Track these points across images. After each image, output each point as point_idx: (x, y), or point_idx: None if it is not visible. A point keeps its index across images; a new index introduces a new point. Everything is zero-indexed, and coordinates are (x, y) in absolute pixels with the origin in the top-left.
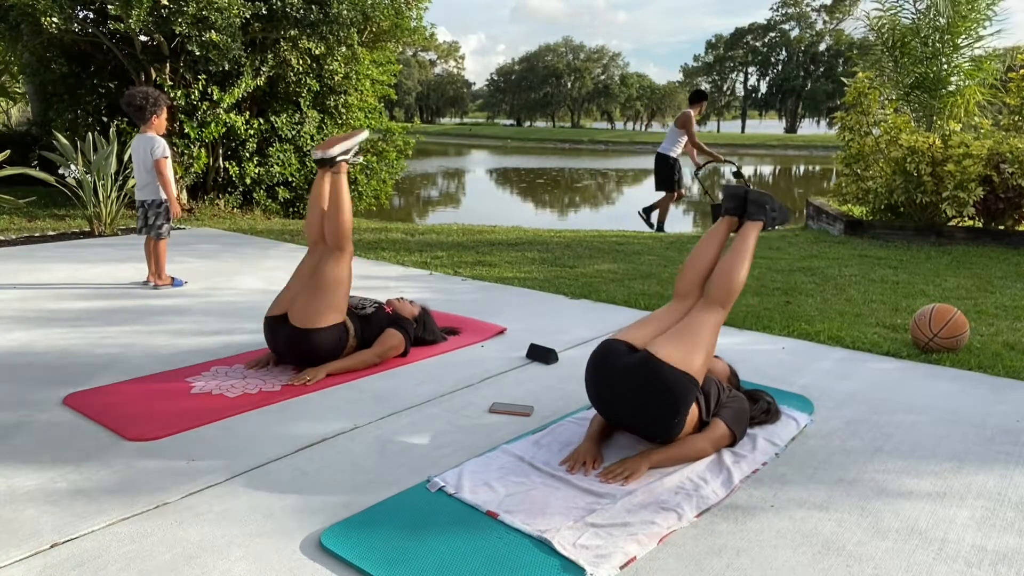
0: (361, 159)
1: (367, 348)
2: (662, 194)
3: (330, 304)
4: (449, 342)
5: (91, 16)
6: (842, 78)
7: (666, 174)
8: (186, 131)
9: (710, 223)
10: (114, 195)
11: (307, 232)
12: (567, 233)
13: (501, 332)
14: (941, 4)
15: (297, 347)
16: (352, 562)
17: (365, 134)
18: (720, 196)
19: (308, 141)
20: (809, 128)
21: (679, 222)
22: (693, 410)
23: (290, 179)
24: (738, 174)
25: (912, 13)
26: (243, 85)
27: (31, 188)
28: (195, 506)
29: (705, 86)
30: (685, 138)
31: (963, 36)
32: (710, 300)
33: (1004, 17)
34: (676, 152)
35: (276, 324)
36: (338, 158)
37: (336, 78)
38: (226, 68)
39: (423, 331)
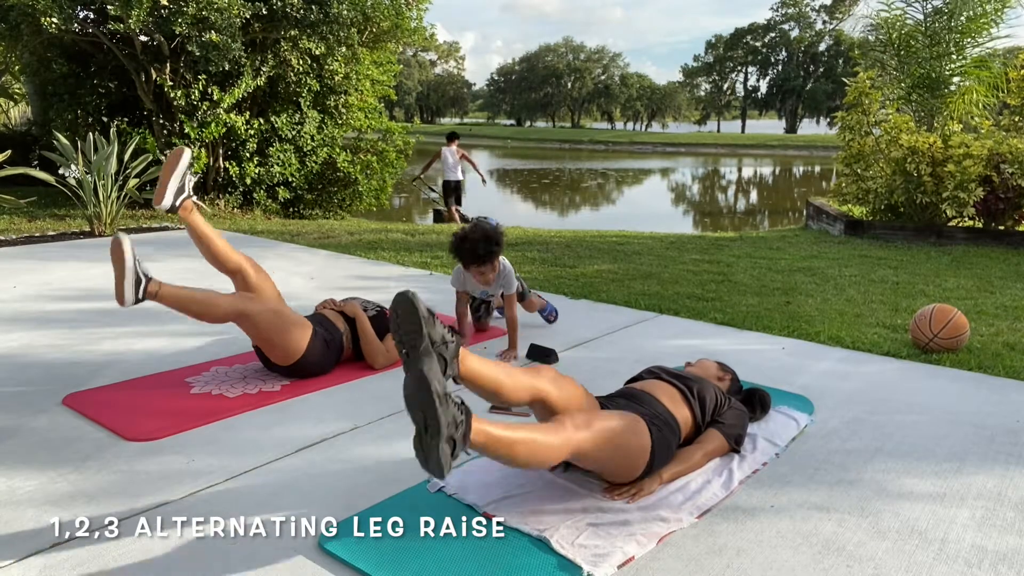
0: (191, 178)
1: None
2: None
3: (285, 326)
4: None
5: (91, 16)
6: (843, 79)
7: None
8: (186, 131)
9: (709, 224)
10: (114, 195)
11: (214, 266)
12: (567, 233)
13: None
14: (959, 3)
15: (298, 376)
16: (351, 563)
17: (187, 155)
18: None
19: (308, 141)
20: (809, 128)
21: (679, 222)
22: (686, 414)
23: (290, 179)
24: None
25: (921, 13)
26: (243, 85)
27: (31, 188)
28: (195, 506)
29: (705, 86)
30: None
31: (969, 38)
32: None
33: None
34: None
35: (269, 363)
36: (177, 203)
37: (336, 78)
38: (226, 68)
39: None
